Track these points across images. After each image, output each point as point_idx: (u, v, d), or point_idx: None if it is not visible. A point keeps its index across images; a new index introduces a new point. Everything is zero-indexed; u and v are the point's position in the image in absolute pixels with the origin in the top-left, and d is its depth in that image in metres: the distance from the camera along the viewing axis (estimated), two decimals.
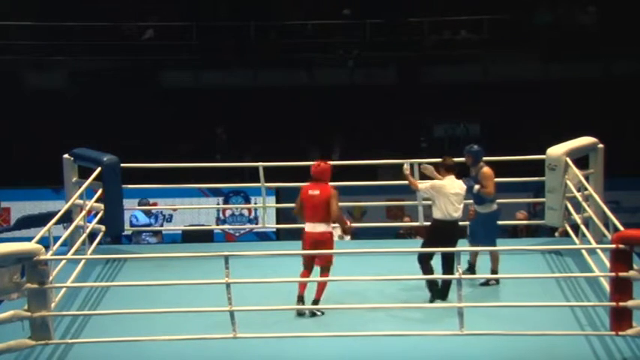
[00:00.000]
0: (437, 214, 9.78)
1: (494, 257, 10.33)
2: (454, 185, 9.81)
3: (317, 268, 9.77)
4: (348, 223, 10.14)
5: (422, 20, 20.26)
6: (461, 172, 10.21)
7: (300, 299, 9.62)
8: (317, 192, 9.78)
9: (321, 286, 9.64)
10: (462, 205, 9.76)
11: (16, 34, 19.90)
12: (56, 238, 9.91)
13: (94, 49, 19.88)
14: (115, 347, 8.90)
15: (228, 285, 8.88)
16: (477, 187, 10.25)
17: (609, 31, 19.63)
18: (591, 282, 10.12)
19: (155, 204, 16.57)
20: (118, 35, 20.37)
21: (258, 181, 12.41)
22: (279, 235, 17.25)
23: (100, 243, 11.65)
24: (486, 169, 10.38)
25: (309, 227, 9.75)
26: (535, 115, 18.87)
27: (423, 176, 11.49)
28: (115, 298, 10.04)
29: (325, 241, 9.72)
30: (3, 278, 8.62)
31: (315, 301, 9.62)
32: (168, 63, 20.23)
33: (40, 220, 13.35)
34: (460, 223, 9.92)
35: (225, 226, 18.01)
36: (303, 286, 9.65)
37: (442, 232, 9.70)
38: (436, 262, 9.83)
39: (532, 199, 14.34)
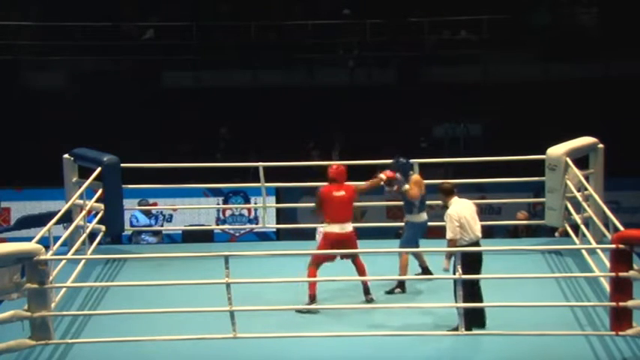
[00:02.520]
0: (463, 239, 9.41)
1: (403, 265, 10.28)
2: (465, 207, 9.44)
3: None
4: (383, 177, 10.35)
5: (422, 20, 20.25)
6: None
7: (314, 298, 9.78)
8: (342, 192, 10.13)
9: (365, 274, 9.94)
10: (477, 223, 9.36)
11: (16, 34, 19.89)
12: (56, 238, 9.91)
13: (94, 49, 19.88)
14: (115, 347, 8.90)
15: (228, 285, 8.88)
16: (406, 186, 10.30)
17: (609, 31, 19.63)
18: (591, 282, 10.13)
19: (155, 204, 16.55)
20: (118, 35, 20.36)
21: (259, 181, 12.41)
22: (279, 235, 17.24)
23: (100, 243, 11.65)
24: (416, 176, 10.53)
25: (338, 228, 10.01)
26: (535, 115, 18.86)
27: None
28: (115, 298, 10.05)
29: (353, 239, 10.07)
30: (3, 278, 8.62)
31: (367, 289, 9.91)
32: (168, 63, 20.23)
33: (40, 220, 13.34)
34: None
35: (225, 226, 18.00)
36: (315, 285, 9.82)
37: (469, 255, 9.25)
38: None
39: (532, 199, 14.34)
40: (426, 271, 10.53)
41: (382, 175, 10.38)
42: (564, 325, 9.13)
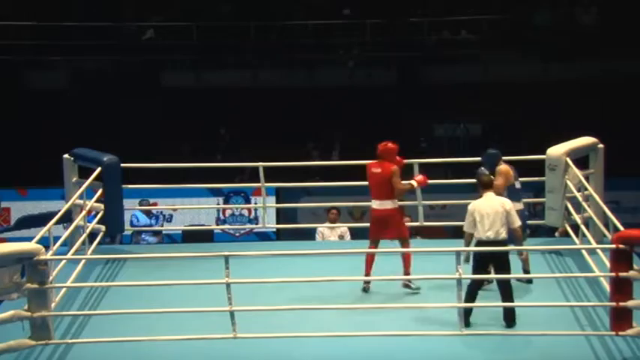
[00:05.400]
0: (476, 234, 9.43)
1: (525, 258, 10.18)
2: (487, 204, 9.38)
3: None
4: (414, 184, 10.43)
5: (422, 20, 20.26)
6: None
7: (366, 281, 10.04)
8: (379, 170, 10.20)
9: (407, 259, 10.06)
10: (497, 224, 9.23)
11: (16, 34, 19.90)
12: (56, 238, 9.92)
13: (94, 49, 19.88)
14: (115, 347, 8.90)
15: (228, 285, 8.89)
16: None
17: (609, 31, 19.64)
18: (591, 282, 10.13)
19: (155, 204, 16.56)
20: (118, 35, 20.37)
21: (258, 181, 12.41)
22: (279, 235, 17.24)
23: (100, 243, 11.65)
24: (503, 166, 10.49)
25: (376, 205, 10.20)
26: (535, 115, 18.86)
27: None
28: (115, 298, 10.04)
29: (392, 217, 10.13)
30: (3, 278, 8.63)
31: (406, 274, 10.04)
32: (168, 63, 20.23)
33: (40, 220, 13.34)
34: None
35: (225, 226, 18.00)
36: (369, 265, 10.09)
37: (478, 254, 9.28)
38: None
39: (532, 199, 14.33)
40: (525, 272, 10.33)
41: (413, 182, 10.41)
42: (564, 325, 9.13)
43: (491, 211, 9.33)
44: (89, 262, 10.84)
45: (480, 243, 9.34)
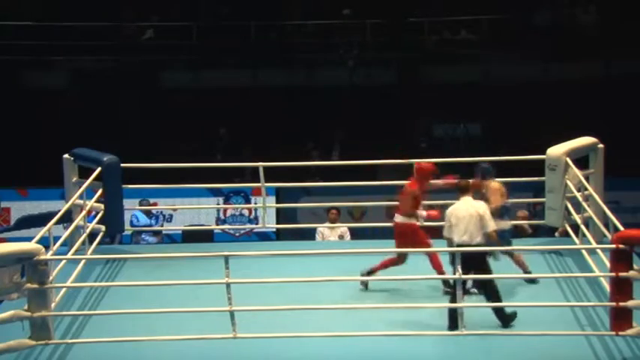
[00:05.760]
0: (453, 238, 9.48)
1: (520, 262, 10.34)
2: (463, 207, 9.43)
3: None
4: (424, 216, 10.38)
5: (422, 20, 20.26)
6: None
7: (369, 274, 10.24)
8: (406, 187, 10.39)
9: (435, 262, 10.09)
10: (472, 228, 9.30)
11: (16, 34, 19.90)
12: (56, 238, 9.92)
13: (94, 49, 19.88)
14: (115, 347, 8.91)
15: (228, 285, 8.89)
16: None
17: (609, 31, 19.64)
18: (591, 282, 10.13)
19: (155, 204, 16.56)
20: (118, 35, 20.37)
21: (258, 181, 12.41)
22: (279, 235, 17.24)
23: (100, 243, 11.65)
24: (494, 184, 10.44)
25: (395, 217, 10.38)
26: (535, 115, 18.86)
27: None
28: (115, 298, 10.05)
29: (404, 231, 10.24)
30: (3, 278, 8.63)
31: (440, 274, 10.06)
32: (168, 63, 20.23)
33: (40, 220, 13.35)
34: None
35: (225, 226, 17.99)
36: (382, 267, 10.27)
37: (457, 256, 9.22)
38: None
39: (532, 199, 14.33)
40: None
41: (423, 213, 10.36)
42: (564, 325, 9.13)
43: (466, 215, 9.38)
44: (89, 262, 10.84)
45: (457, 247, 9.32)
